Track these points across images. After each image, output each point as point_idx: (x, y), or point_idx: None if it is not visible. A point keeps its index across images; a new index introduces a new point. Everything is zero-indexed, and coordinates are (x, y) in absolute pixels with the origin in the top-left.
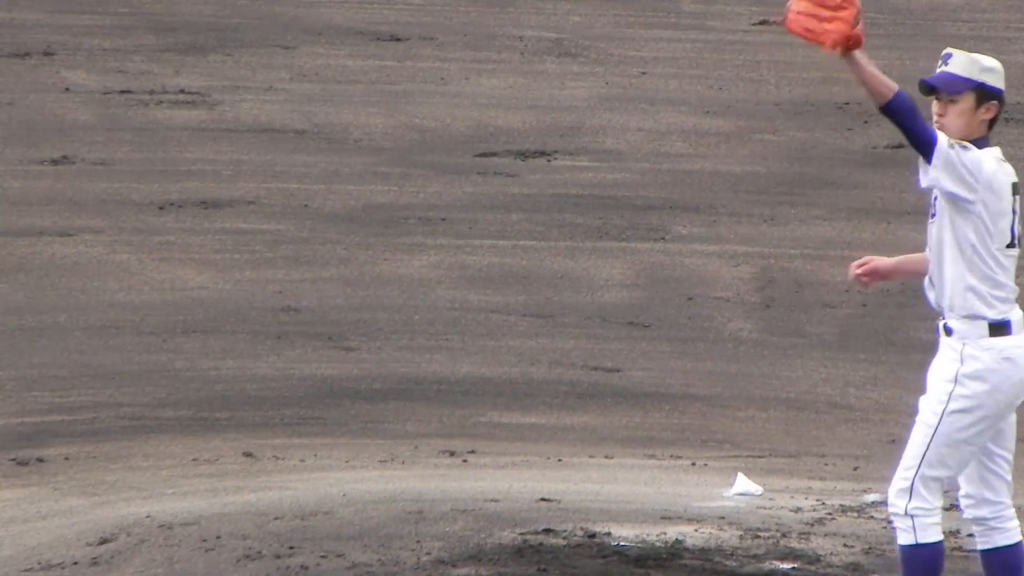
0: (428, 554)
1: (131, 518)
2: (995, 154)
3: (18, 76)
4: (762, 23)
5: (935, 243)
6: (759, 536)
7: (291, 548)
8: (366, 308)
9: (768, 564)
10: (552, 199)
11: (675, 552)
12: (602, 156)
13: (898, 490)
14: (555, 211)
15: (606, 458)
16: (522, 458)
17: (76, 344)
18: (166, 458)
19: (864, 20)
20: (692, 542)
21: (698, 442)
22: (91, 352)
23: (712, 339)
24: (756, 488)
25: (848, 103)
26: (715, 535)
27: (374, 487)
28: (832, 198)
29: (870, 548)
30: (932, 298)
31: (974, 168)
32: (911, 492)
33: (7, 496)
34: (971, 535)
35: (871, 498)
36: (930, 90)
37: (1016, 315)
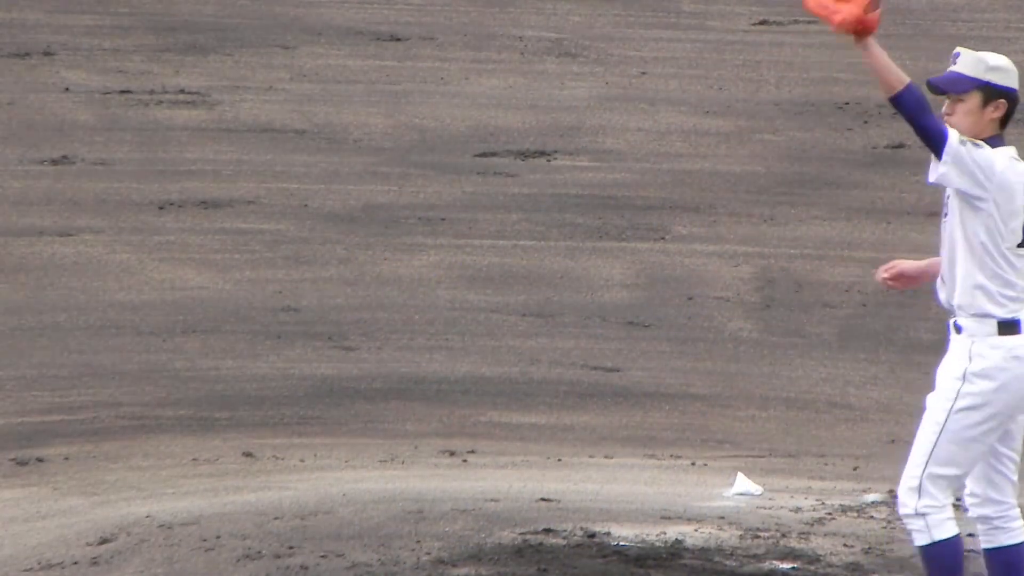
0: (428, 554)
1: (131, 518)
2: (1009, 153)
3: (18, 76)
4: (762, 23)
5: (947, 241)
6: (759, 536)
7: (291, 548)
8: (366, 308)
9: (768, 564)
10: (552, 199)
11: (675, 552)
12: (602, 156)
13: (907, 489)
14: (555, 211)
15: (606, 458)
16: (522, 458)
17: (76, 344)
18: (166, 458)
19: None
20: (692, 542)
21: (698, 442)
22: (91, 352)
23: (712, 339)
24: (756, 488)
25: (848, 103)
26: (715, 535)
27: (374, 487)
28: (832, 198)
29: (870, 548)
30: (943, 296)
31: (986, 166)
32: (920, 491)
33: (7, 496)
34: (971, 535)
35: (871, 498)
36: (937, 90)
37: None
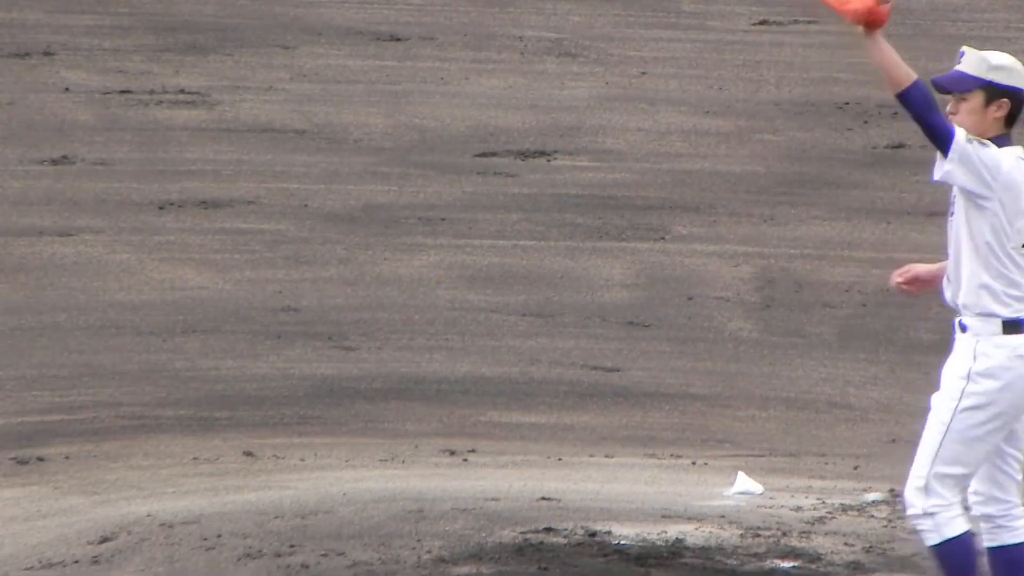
0: (429, 553)
1: (132, 517)
2: (1016, 152)
3: (18, 76)
4: (762, 23)
5: (952, 240)
6: (760, 535)
7: (292, 547)
8: (366, 308)
9: (769, 563)
10: (552, 199)
11: (676, 551)
12: (602, 156)
13: (914, 489)
14: (555, 211)
15: (606, 457)
16: (522, 457)
17: (76, 344)
18: (166, 457)
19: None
20: (693, 541)
21: (698, 441)
22: (91, 352)
23: (712, 339)
24: (757, 487)
25: (848, 103)
26: (716, 534)
27: (374, 486)
28: (832, 198)
29: (871, 547)
30: (948, 295)
31: (991, 165)
32: (927, 490)
33: (8, 495)
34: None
35: (872, 497)
36: (941, 89)
37: None
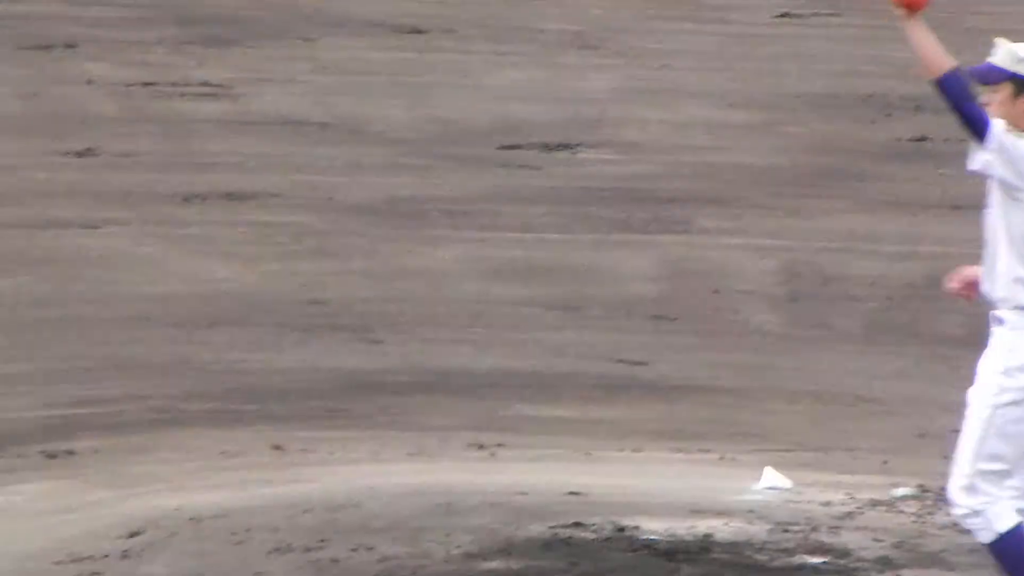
0: (458, 547)
1: (160, 511)
2: None
3: (41, 68)
4: (784, 16)
5: (990, 233)
6: (788, 530)
7: (321, 541)
8: (391, 300)
9: (798, 558)
10: (576, 192)
11: (705, 546)
12: (625, 149)
13: (959, 489)
14: (579, 204)
15: (634, 451)
16: (550, 451)
17: (102, 336)
18: (194, 451)
19: None
20: (722, 536)
21: (726, 435)
22: (117, 344)
23: (738, 332)
24: (785, 482)
25: (872, 95)
26: (744, 529)
27: (402, 480)
28: (856, 191)
29: (900, 542)
30: (985, 288)
31: None
32: (972, 489)
33: (36, 488)
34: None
35: (901, 492)
36: (975, 80)
37: None
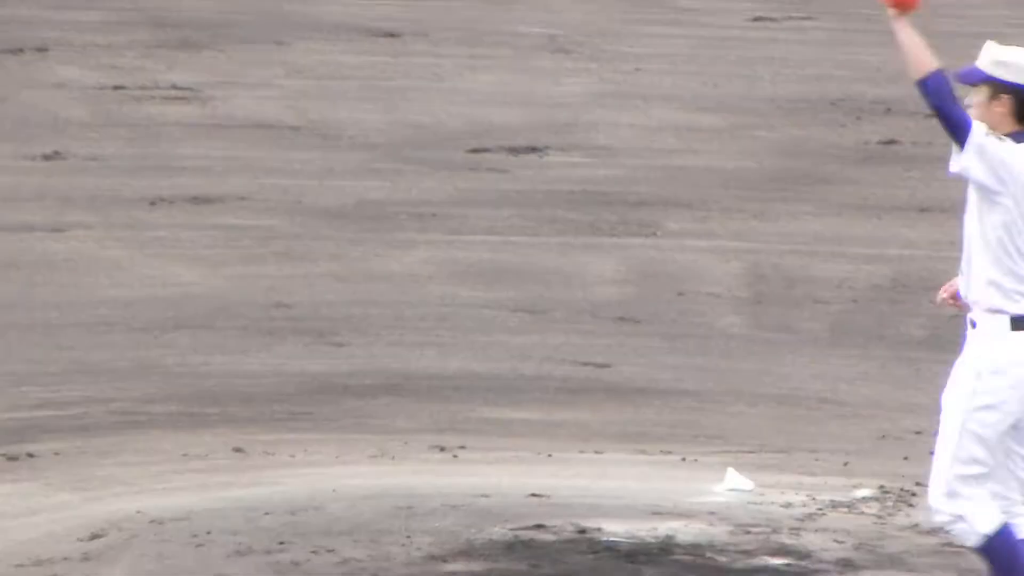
0: (419, 549)
1: (121, 513)
2: None
3: (11, 72)
4: (757, 20)
5: (966, 235)
6: (750, 532)
7: (281, 543)
8: (357, 304)
9: (759, 559)
10: (544, 195)
11: (666, 547)
12: (594, 152)
13: (939, 496)
14: (547, 207)
15: (596, 453)
16: (512, 453)
17: (67, 340)
18: (156, 453)
19: None
20: (683, 537)
21: (689, 437)
22: (82, 348)
23: (703, 335)
24: (747, 483)
25: (842, 98)
26: (706, 530)
27: (365, 483)
28: (824, 194)
29: (861, 544)
30: (962, 291)
31: (1007, 160)
32: (951, 495)
33: None
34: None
35: (862, 493)
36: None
37: None
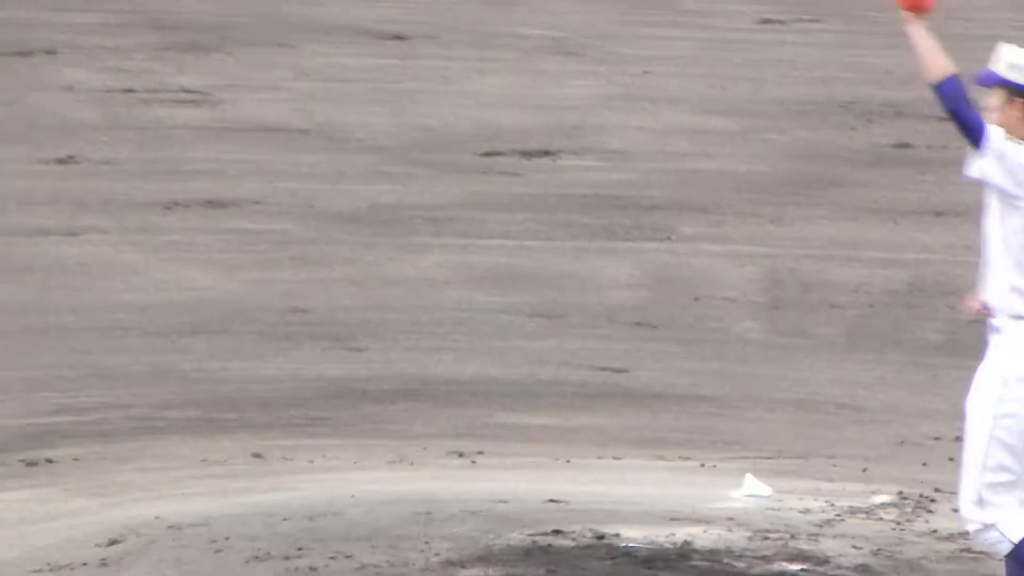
0: (437, 555)
1: (140, 519)
2: None
3: (20, 75)
4: (765, 22)
5: (987, 241)
6: (768, 537)
7: (300, 549)
8: (373, 308)
9: (777, 565)
10: (557, 199)
11: (684, 553)
12: (606, 156)
13: (969, 504)
14: (560, 211)
15: (614, 459)
16: (530, 459)
17: (83, 345)
18: (175, 459)
19: None
20: (701, 543)
21: (706, 443)
22: (98, 352)
23: (719, 340)
24: (765, 489)
25: (852, 101)
26: (724, 536)
27: (383, 488)
28: (836, 197)
29: (879, 550)
30: (985, 296)
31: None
32: (982, 503)
33: (16, 497)
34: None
35: (880, 499)
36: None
37: None
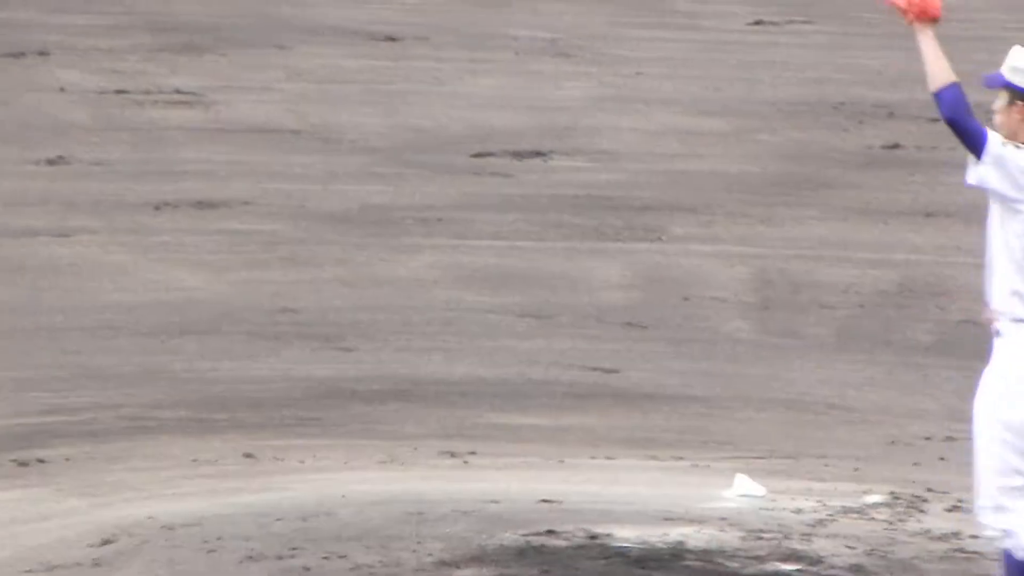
0: (430, 555)
1: (132, 519)
2: None
3: (13, 76)
4: (757, 23)
5: (990, 246)
6: (761, 537)
7: (293, 549)
8: (363, 309)
9: (770, 565)
10: (548, 200)
11: (677, 553)
12: (597, 156)
13: (988, 510)
14: (551, 212)
15: (607, 459)
16: (522, 459)
17: (73, 345)
18: (166, 459)
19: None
20: (694, 543)
21: (698, 443)
22: (88, 353)
23: (709, 340)
24: (757, 489)
25: (844, 102)
26: (717, 536)
27: (374, 488)
28: (827, 198)
29: (872, 549)
30: (988, 299)
31: None
32: (999, 509)
33: (7, 497)
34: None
35: (872, 499)
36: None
37: None
